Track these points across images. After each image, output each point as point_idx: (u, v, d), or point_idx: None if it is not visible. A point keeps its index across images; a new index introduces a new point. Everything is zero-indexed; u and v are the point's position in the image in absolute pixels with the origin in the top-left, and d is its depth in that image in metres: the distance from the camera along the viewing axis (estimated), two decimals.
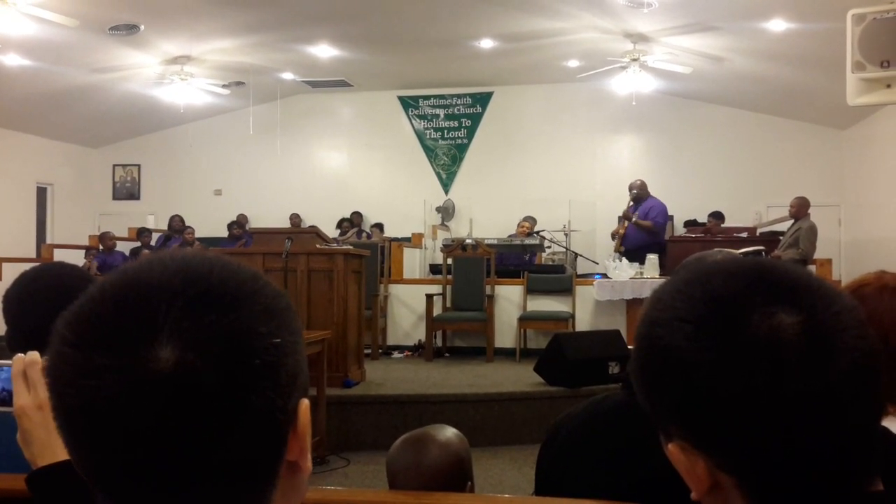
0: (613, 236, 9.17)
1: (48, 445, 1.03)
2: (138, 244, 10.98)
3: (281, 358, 0.62)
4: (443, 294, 8.44)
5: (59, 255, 9.90)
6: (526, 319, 8.24)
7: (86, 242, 11.25)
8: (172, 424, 0.57)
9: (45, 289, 1.66)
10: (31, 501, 1.04)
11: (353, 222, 11.68)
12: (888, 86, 5.68)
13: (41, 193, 12.38)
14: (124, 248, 11.10)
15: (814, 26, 7.68)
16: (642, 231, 8.79)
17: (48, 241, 11.77)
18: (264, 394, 0.60)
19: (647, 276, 7.96)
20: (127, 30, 8.62)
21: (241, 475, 0.61)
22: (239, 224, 11.49)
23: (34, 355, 1.06)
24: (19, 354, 1.06)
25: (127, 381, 0.57)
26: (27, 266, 1.88)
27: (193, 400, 0.57)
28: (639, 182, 9.05)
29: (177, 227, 11.12)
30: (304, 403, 0.65)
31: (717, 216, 10.10)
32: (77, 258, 10.07)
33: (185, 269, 0.62)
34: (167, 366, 0.57)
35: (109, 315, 0.59)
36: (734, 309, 0.68)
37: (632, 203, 8.99)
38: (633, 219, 8.83)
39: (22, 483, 1.04)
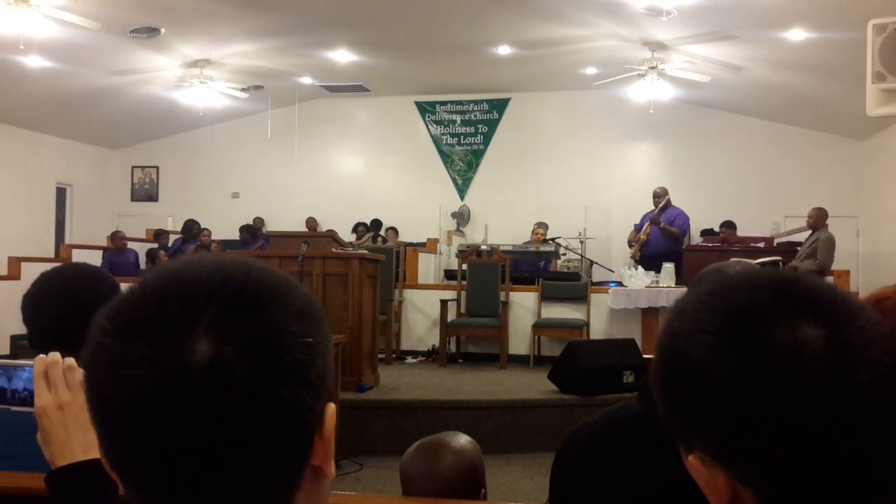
0: (630, 243, 9.13)
1: (67, 445, 1.04)
2: (155, 245, 11.05)
3: (311, 357, 0.63)
4: (457, 300, 8.44)
5: (78, 256, 9.97)
6: (540, 326, 8.22)
7: (104, 243, 11.33)
8: (205, 416, 0.58)
9: (59, 288, 1.68)
10: (50, 500, 1.05)
11: (368, 227, 11.70)
12: None
13: (61, 194, 12.49)
14: (141, 249, 11.18)
15: (834, 36, 7.63)
16: (667, 238, 8.74)
17: (67, 241, 11.86)
18: (294, 390, 0.61)
19: (662, 284, 7.92)
20: (148, 33, 8.69)
21: (268, 474, 0.62)
22: (249, 229, 11.46)
23: (55, 356, 1.07)
24: (41, 355, 1.07)
25: (163, 373, 0.58)
26: (46, 266, 1.90)
27: (226, 393, 0.59)
28: (661, 189, 9.04)
29: (194, 231, 11.14)
30: (331, 408, 0.66)
31: (730, 226, 10.06)
32: (95, 258, 10.14)
33: (223, 269, 0.64)
34: (203, 359, 0.59)
35: (149, 308, 0.61)
36: (757, 321, 0.67)
37: (653, 209, 8.96)
38: (661, 224, 8.79)
39: (41, 482, 1.05)
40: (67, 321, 1.56)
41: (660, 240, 8.78)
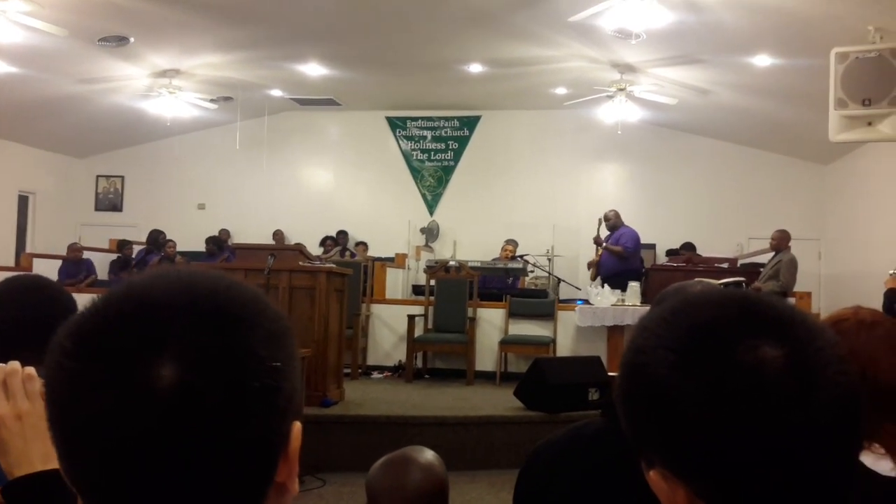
0: (590, 266, 9.36)
1: (25, 455, 1.02)
2: (117, 256, 10.89)
3: (279, 382, 0.62)
4: (424, 315, 8.43)
5: (39, 265, 9.80)
6: (507, 343, 8.24)
7: (65, 252, 11.14)
8: (169, 442, 0.57)
9: (15, 294, 1.66)
10: None
11: (336, 241, 11.66)
12: (869, 123, 5.78)
13: (23, 202, 12.27)
14: (104, 259, 11.02)
15: (798, 62, 7.80)
16: (614, 257, 8.95)
17: (28, 249, 11.65)
18: (261, 417, 0.60)
19: (628, 303, 8.00)
20: (116, 41, 8.61)
21: (231, 494, 0.61)
22: (215, 240, 11.39)
23: (15, 365, 1.05)
24: (0, 364, 1.05)
25: (126, 398, 0.57)
26: (6, 275, 1.88)
27: (191, 420, 0.57)
28: (612, 212, 9.29)
29: (160, 241, 11.01)
30: (297, 427, 0.66)
31: (689, 247, 10.24)
32: (56, 268, 9.98)
33: (190, 288, 0.62)
34: (168, 384, 0.57)
35: (112, 329, 0.59)
36: (718, 340, 0.68)
37: (608, 232, 9.20)
38: (604, 244, 9.01)
39: None
40: (24, 327, 1.54)
41: (610, 260, 9.00)
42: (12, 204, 12.01)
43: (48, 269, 9.29)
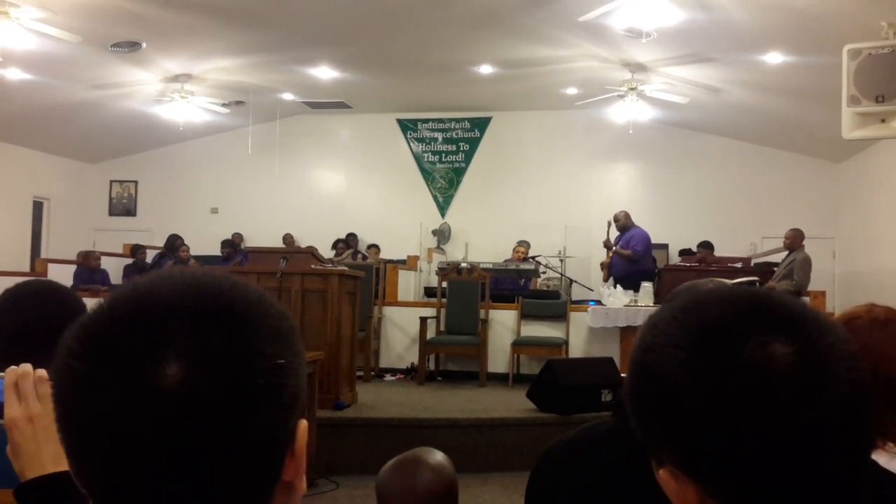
0: (603, 267, 9.35)
1: (37, 457, 1.02)
2: (131, 261, 10.94)
3: (284, 379, 0.63)
4: (437, 317, 8.43)
5: (54, 270, 9.85)
6: (519, 345, 8.22)
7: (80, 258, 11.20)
8: (175, 440, 0.58)
9: (27, 297, 1.68)
10: None
11: (348, 244, 11.68)
12: (883, 120, 5.74)
13: (37, 207, 12.36)
14: (118, 264, 11.08)
15: (810, 60, 7.76)
16: (624, 260, 8.94)
17: (43, 255, 11.73)
18: (266, 414, 0.61)
19: (641, 303, 7.97)
20: (129, 47, 8.66)
21: (238, 492, 0.61)
22: (230, 244, 11.46)
23: (26, 367, 1.06)
24: (12, 366, 1.06)
25: (132, 397, 0.58)
26: (21, 279, 1.89)
27: (197, 417, 0.58)
28: (622, 213, 9.27)
29: (177, 245, 11.05)
30: (303, 424, 0.66)
31: (707, 246, 10.18)
32: (70, 273, 10.03)
33: (194, 288, 0.63)
34: (173, 383, 0.58)
35: (118, 330, 0.60)
36: (728, 337, 0.68)
37: (618, 233, 9.16)
38: (614, 248, 8.99)
39: (10, 496, 1.04)
40: (35, 331, 1.55)
41: (621, 262, 8.99)
42: (27, 209, 12.10)
43: (63, 275, 9.34)
